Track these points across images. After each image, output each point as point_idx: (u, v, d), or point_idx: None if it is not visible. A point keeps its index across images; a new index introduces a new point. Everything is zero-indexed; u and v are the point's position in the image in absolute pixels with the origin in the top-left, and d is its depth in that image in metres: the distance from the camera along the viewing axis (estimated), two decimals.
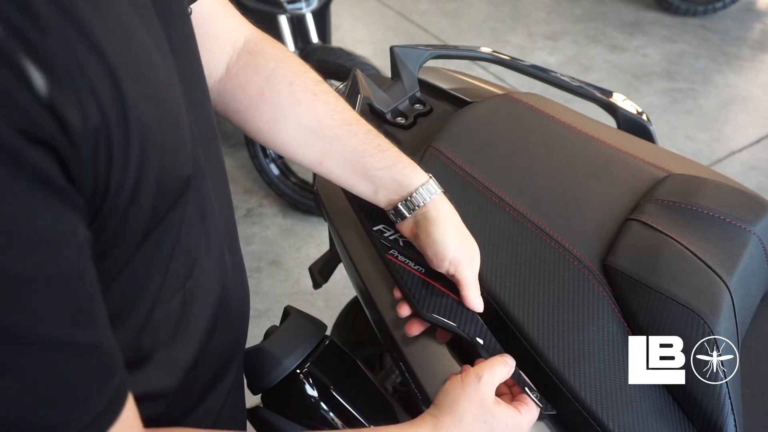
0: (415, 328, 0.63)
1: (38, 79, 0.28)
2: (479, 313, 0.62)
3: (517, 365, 0.60)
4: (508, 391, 0.61)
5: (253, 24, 0.67)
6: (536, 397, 0.58)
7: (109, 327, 0.35)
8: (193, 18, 0.56)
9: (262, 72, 0.62)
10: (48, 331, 0.31)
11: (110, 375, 0.35)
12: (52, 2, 0.30)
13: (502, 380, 0.57)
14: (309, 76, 0.64)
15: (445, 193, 0.64)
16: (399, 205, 0.63)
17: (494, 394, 0.55)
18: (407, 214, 0.63)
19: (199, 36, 0.58)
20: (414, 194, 0.62)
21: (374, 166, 0.62)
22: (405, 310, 0.63)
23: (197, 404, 0.52)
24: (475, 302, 0.61)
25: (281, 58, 0.64)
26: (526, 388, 0.59)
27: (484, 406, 0.54)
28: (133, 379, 0.40)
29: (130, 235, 0.38)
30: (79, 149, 0.31)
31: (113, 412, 0.35)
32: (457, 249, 0.60)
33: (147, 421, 0.40)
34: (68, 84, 0.30)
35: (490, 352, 0.61)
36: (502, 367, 0.57)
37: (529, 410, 0.56)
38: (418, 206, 0.62)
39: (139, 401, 0.39)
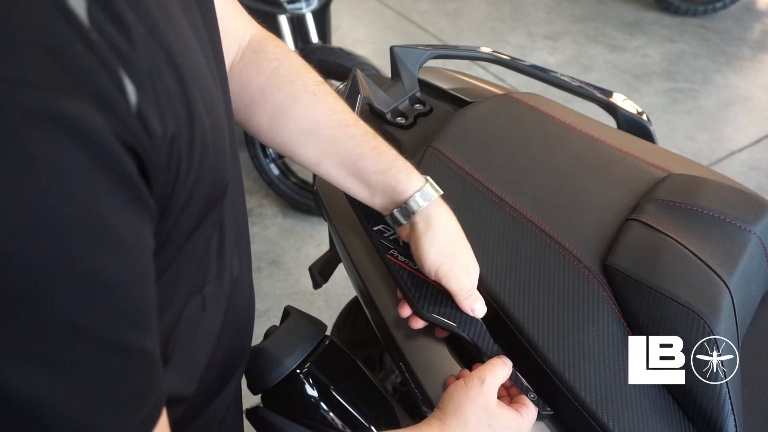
0: (419, 322, 0.63)
1: (131, 89, 0.29)
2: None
3: (514, 366, 0.60)
4: (506, 393, 0.61)
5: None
6: (533, 398, 0.58)
7: (158, 332, 0.35)
8: None
9: (264, 71, 0.62)
10: (120, 335, 0.31)
11: (158, 379, 0.35)
12: (138, 16, 0.31)
13: (503, 381, 0.58)
14: (310, 76, 0.64)
15: (443, 196, 0.63)
16: (395, 212, 0.62)
17: (496, 396, 0.56)
18: (403, 221, 0.62)
19: None
20: (409, 201, 0.61)
21: (370, 169, 0.62)
22: (406, 311, 0.63)
23: (205, 408, 0.52)
24: (468, 310, 0.61)
25: (283, 57, 0.64)
26: (530, 395, 0.59)
27: (487, 409, 0.55)
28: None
29: (178, 237, 0.39)
30: (159, 156, 0.32)
31: (155, 416, 0.35)
32: (443, 263, 0.60)
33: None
34: (151, 93, 0.31)
35: (489, 352, 0.61)
36: (502, 369, 0.58)
37: (529, 412, 0.57)
38: (413, 213, 0.61)
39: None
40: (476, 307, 0.61)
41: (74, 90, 0.26)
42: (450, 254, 0.61)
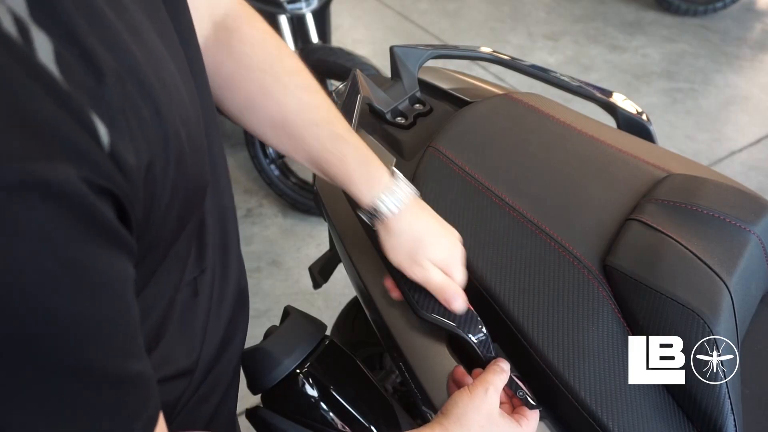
0: (398, 292, 0.65)
1: (102, 130, 0.30)
2: (479, 313, 0.62)
3: (511, 366, 0.60)
4: (508, 401, 0.61)
5: None
6: (521, 396, 0.59)
7: (144, 350, 0.36)
8: None
9: (236, 54, 0.60)
10: (107, 366, 0.32)
11: (150, 395, 0.36)
12: (107, 47, 0.31)
13: (503, 386, 0.58)
14: (284, 64, 0.61)
15: (410, 204, 0.62)
16: (359, 213, 0.63)
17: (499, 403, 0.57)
18: (368, 222, 0.63)
19: None
20: (369, 210, 0.61)
21: (333, 173, 0.61)
22: (390, 282, 0.65)
23: (203, 379, 0.54)
24: (447, 306, 0.61)
25: (257, 41, 0.61)
26: (519, 392, 0.59)
27: (491, 417, 0.55)
28: (155, 363, 0.42)
29: (159, 248, 0.40)
30: (135, 188, 0.32)
31: (151, 426, 0.37)
32: (402, 265, 0.62)
33: (171, 405, 0.43)
34: (125, 126, 0.31)
35: (488, 352, 0.61)
36: (501, 375, 0.58)
37: (529, 423, 0.58)
38: (373, 219, 0.62)
39: (164, 383, 0.41)
40: (455, 305, 0.61)
41: (45, 151, 0.27)
42: (408, 256, 0.61)
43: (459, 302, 0.61)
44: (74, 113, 0.28)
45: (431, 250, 0.61)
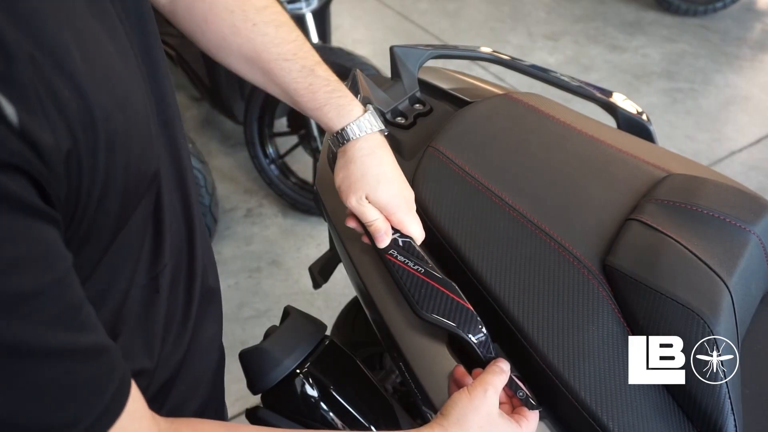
0: (353, 221, 0.67)
1: (8, 108, 0.29)
2: (479, 314, 0.62)
3: (511, 365, 0.60)
4: (508, 401, 0.61)
5: None
6: (521, 396, 0.59)
7: (99, 323, 0.36)
8: None
9: None
10: (50, 340, 0.32)
11: (111, 368, 0.36)
12: (19, 26, 0.31)
13: (502, 386, 0.58)
14: (250, 3, 0.63)
15: (383, 132, 0.65)
16: (329, 143, 0.65)
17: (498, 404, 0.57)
18: (334, 150, 0.66)
19: None
20: (336, 134, 0.64)
21: (306, 105, 0.64)
22: (351, 222, 0.67)
23: (176, 379, 0.53)
24: (378, 232, 0.64)
25: None
26: (519, 392, 0.59)
27: (490, 418, 0.55)
28: None
29: (102, 232, 0.40)
30: (53, 169, 0.32)
31: (118, 404, 0.37)
32: (347, 190, 0.65)
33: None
34: (38, 107, 0.31)
35: (488, 352, 0.61)
36: (501, 375, 0.58)
37: (529, 423, 0.58)
38: (340, 145, 0.64)
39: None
40: (379, 242, 0.64)
41: None
42: (350, 184, 0.64)
43: (383, 240, 0.65)
44: None
45: (374, 189, 0.63)
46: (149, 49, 0.49)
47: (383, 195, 0.64)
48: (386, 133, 0.66)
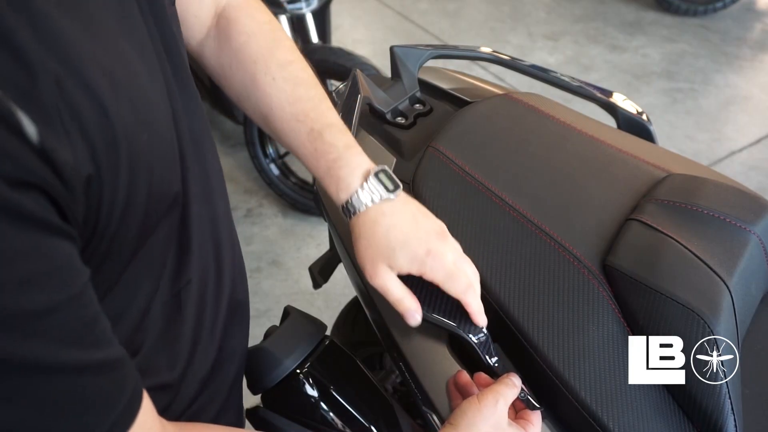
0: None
1: (30, 127, 0.29)
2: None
3: (511, 365, 0.60)
4: (510, 406, 0.61)
5: None
6: (526, 397, 0.59)
7: (114, 337, 0.37)
8: None
9: (233, 44, 0.62)
10: (64, 357, 0.32)
11: (123, 381, 0.37)
12: (42, 42, 0.31)
13: (512, 400, 0.58)
14: (275, 57, 0.62)
15: (395, 190, 0.59)
16: (341, 211, 0.61)
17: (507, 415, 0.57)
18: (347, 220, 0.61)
19: (186, 1, 0.59)
20: (343, 207, 0.60)
21: (312, 171, 0.61)
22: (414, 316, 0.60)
23: (197, 396, 0.53)
24: (408, 312, 0.59)
25: (253, 32, 0.62)
26: (521, 394, 0.59)
27: (498, 427, 0.55)
28: None
29: (122, 250, 0.40)
30: (72, 188, 0.32)
31: (130, 414, 0.37)
32: (364, 269, 0.59)
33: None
34: (59, 126, 0.31)
35: (488, 353, 0.61)
36: (513, 389, 0.58)
37: (534, 428, 0.58)
38: (348, 219, 0.60)
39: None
40: (409, 321, 0.59)
41: None
42: (369, 261, 0.59)
43: (413, 320, 0.59)
44: None
45: (391, 258, 0.58)
46: (179, 68, 0.49)
47: (403, 262, 0.58)
48: (398, 192, 0.59)
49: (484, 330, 0.61)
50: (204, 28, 0.63)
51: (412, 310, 0.59)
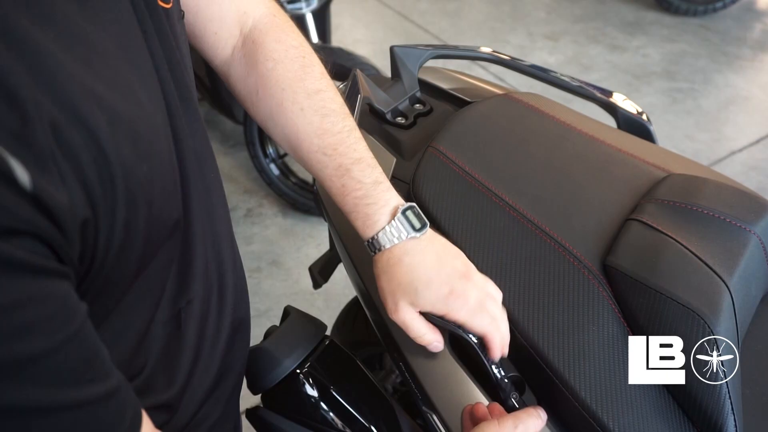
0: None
1: (22, 174, 0.29)
2: None
3: (512, 366, 0.60)
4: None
5: None
6: (514, 397, 0.59)
7: (112, 365, 0.36)
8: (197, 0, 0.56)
9: (261, 68, 0.61)
10: (61, 398, 0.32)
11: (123, 408, 0.36)
12: (38, 83, 0.30)
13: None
14: (303, 85, 0.60)
15: (422, 229, 0.58)
16: (365, 245, 0.60)
17: None
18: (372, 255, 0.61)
19: (205, 17, 0.58)
20: (366, 243, 0.60)
21: (339, 205, 0.60)
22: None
23: (194, 414, 0.53)
24: (430, 345, 0.60)
25: (281, 58, 0.61)
26: (512, 395, 0.59)
27: None
28: (136, 392, 0.41)
29: (121, 279, 0.40)
30: (67, 231, 0.31)
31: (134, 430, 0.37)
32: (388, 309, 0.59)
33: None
34: (53, 170, 0.30)
35: (488, 353, 0.61)
36: (536, 420, 0.56)
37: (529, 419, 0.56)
38: (372, 254, 0.60)
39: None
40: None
41: None
42: (390, 298, 0.59)
43: (436, 348, 0.60)
44: None
45: (414, 297, 0.58)
46: (182, 85, 0.48)
47: (425, 302, 0.57)
48: (424, 231, 0.58)
49: None
50: (227, 47, 0.62)
51: (435, 343, 0.60)
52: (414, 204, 0.60)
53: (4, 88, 0.29)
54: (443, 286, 0.57)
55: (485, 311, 0.58)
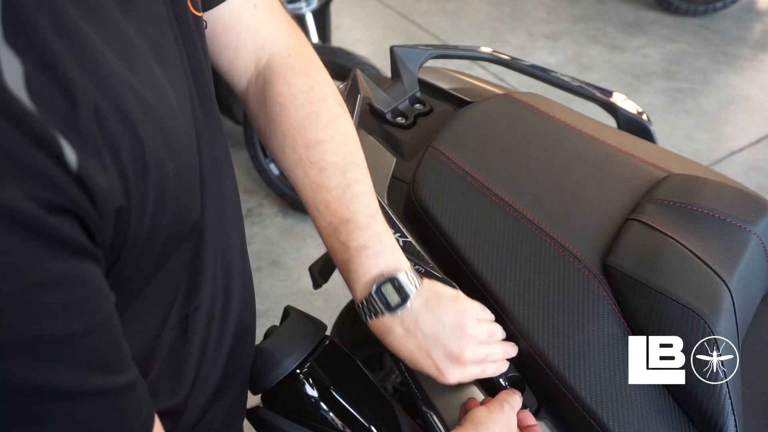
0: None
1: (70, 154, 0.30)
2: None
3: (512, 365, 0.60)
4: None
5: None
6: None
7: (130, 359, 0.36)
8: (216, 23, 0.56)
9: (268, 111, 0.60)
10: (88, 383, 0.32)
11: (140, 403, 0.37)
12: (84, 69, 0.31)
13: (518, 407, 0.59)
14: (303, 135, 0.59)
15: (406, 302, 0.56)
16: (358, 306, 0.59)
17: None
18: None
19: (220, 43, 0.58)
20: (358, 306, 0.58)
21: (335, 260, 0.60)
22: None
23: (198, 420, 0.53)
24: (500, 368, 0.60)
25: (286, 104, 0.59)
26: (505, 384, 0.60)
27: (509, 428, 0.56)
28: None
29: (139, 277, 0.40)
30: (103, 214, 0.32)
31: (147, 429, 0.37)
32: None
33: None
34: (95, 154, 0.31)
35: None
36: (514, 395, 0.59)
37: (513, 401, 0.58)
38: (368, 319, 0.58)
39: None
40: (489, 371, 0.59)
41: (3, 177, 0.27)
42: (408, 354, 0.58)
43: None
44: (34, 135, 0.29)
45: (427, 346, 0.57)
46: (204, 94, 0.49)
47: (437, 353, 0.57)
48: (406, 305, 0.56)
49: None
50: (242, 80, 0.62)
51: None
52: (400, 274, 0.56)
53: (56, 71, 0.30)
54: (440, 355, 0.57)
55: (485, 362, 0.59)
